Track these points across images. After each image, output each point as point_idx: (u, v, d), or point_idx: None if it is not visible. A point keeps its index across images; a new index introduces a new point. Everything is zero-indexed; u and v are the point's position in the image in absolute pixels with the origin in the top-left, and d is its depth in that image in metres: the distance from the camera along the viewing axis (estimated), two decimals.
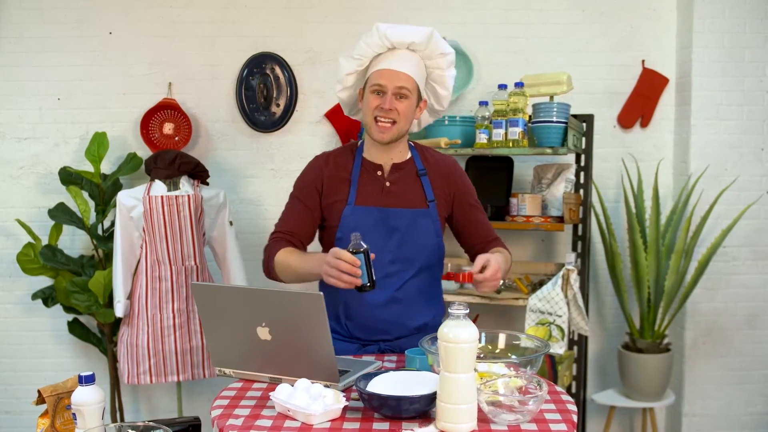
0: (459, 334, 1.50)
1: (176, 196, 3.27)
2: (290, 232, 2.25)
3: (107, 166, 3.68)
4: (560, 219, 3.29)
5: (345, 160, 2.26)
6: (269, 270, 2.22)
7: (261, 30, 3.70)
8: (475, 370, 1.74)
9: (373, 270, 1.94)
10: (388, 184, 2.23)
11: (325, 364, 1.76)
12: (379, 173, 2.24)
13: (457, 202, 2.29)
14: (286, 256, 2.17)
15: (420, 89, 2.20)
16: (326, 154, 2.31)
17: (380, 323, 2.19)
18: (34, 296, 3.59)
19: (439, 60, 2.18)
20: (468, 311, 1.54)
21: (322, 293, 1.69)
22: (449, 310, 1.54)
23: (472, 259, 2.26)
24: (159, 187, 3.30)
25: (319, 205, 2.24)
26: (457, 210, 2.29)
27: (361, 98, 2.25)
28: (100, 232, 3.58)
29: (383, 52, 2.18)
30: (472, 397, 1.53)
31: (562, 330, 3.02)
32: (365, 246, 1.92)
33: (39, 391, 1.95)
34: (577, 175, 3.44)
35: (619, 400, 3.49)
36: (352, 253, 1.90)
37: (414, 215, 2.21)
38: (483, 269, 1.99)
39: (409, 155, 2.28)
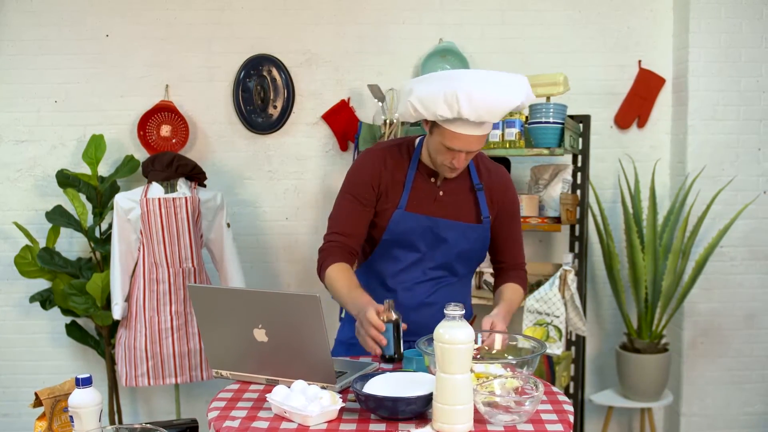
0: (455, 335, 1.50)
1: (173, 199, 3.27)
2: (345, 233, 2.13)
3: (104, 169, 3.68)
4: (557, 220, 3.29)
5: (401, 161, 2.16)
6: (321, 278, 2.15)
7: (258, 32, 3.70)
8: (472, 370, 1.74)
9: (401, 342, 1.93)
10: (441, 193, 2.15)
11: (321, 366, 1.76)
12: (433, 180, 2.15)
13: (500, 216, 2.21)
14: (336, 276, 2.06)
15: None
16: (382, 150, 2.18)
17: (412, 325, 2.11)
18: (32, 299, 3.58)
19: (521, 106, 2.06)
20: (464, 312, 1.54)
21: (318, 295, 1.69)
22: (445, 311, 1.54)
23: (498, 263, 2.27)
24: (156, 190, 3.30)
25: (375, 205, 2.14)
26: (497, 224, 2.21)
27: (425, 122, 2.06)
28: (97, 234, 3.58)
29: None
30: (468, 398, 1.53)
31: (559, 330, 3.03)
32: (396, 316, 1.88)
33: (36, 394, 1.95)
34: (574, 176, 3.44)
35: (617, 400, 3.50)
36: (382, 319, 1.86)
37: (465, 229, 2.15)
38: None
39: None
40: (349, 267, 2.10)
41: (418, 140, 2.21)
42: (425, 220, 2.12)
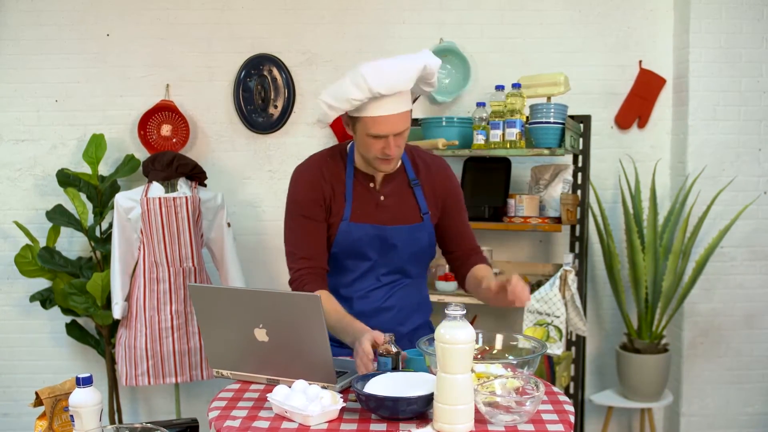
0: (456, 334, 1.50)
1: (174, 198, 3.27)
2: (311, 256, 2.09)
3: (105, 168, 3.68)
4: (558, 220, 3.29)
5: (337, 171, 2.13)
6: None
7: (258, 31, 3.70)
8: (472, 370, 1.74)
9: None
10: (382, 198, 2.13)
11: (322, 366, 1.76)
12: (372, 185, 2.14)
13: (445, 208, 2.20)
14: (324, 305, 2.02)
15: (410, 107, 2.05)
16: (317, 163, 2.15)
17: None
18: (32, 298, 3.58)
19: (430, 78, 2.06)
20: (465, 312, 1.54)
21: (318, 295, 1.69)
22: (446, 311, 1.54)
23: (451, 264, 2.26)
24: (157, 189, 3.30)
25: (326, 219, 2.13)
26: (444, 215, 2.21)
27: (347, 124, 2.07)
28: (97, 234, 3.58)
29: None
30: (469, 398, 1.53)
31: (559, 331, 3.03)
32: (395, 350, 1.88)
33: (36, 393, 1.95)
34: (575, 176, 3.45)
35: (617, 400, 3.50)
36: (382, 354, 1.86)
37: (410, 231, 2.14)
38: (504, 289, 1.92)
39: (400, 162, 2.18)
40: (328, 294, 2.07)
41: (349, 146, 2.18)
42: (371, 228, 2.11)
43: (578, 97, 3.56)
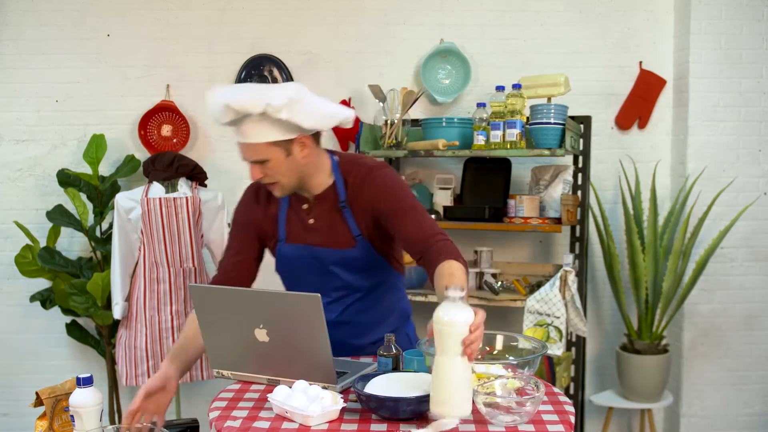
0: (454, 316, 1.48)
1: (174, 198, 3.27)
2: (227, 272, 2.13)
3: (105, 168, 3.68)
4: (558, 220, 3.29)
5: (273, 195, 2.08)
6: None
7: (258, 32, 3.70)
8: (473, 371, 1.74)
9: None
10: (311, 221, 2.08)
11: (322, 366, 1.76)
12: (305, 206, 2.09)
13: (381, 220, 2.03)
14: (185, 327, 2.03)
15: (283, 137, 1.93)
16: (256, 186, 2.17)
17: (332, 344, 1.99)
18: (32, 298, 3.58)
19: (270, 111, 1.87)
20: (464, 294, 1.51)
21: (319, 294, 1.69)
22: (445, 293, 1.51)
23: (416, 259, 1.99)
24: (157, 189, 3.30)
25: (258, 240, 2.15)
26: (385, 223, 2.03)
27: None
28: (98, 234, 3.58)
29: None
30: (466, 381, 1.51)
31: (560, 331, 3.03)
32: (395, 351, 1.88)
33: (37, 393, 1.95)
34: (575, 177, 3.45)
35: (618, 401, 3.50)
36: (382, 354, 1.87)
37: (343, 254, 2.06)
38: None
39: (332, 181, 2.07)
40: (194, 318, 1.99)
41: None
42: (305, 249, 2.09)
43: (578, 97, 3.56)
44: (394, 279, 2.20)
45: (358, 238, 2.05)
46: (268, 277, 3.84)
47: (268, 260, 3.82)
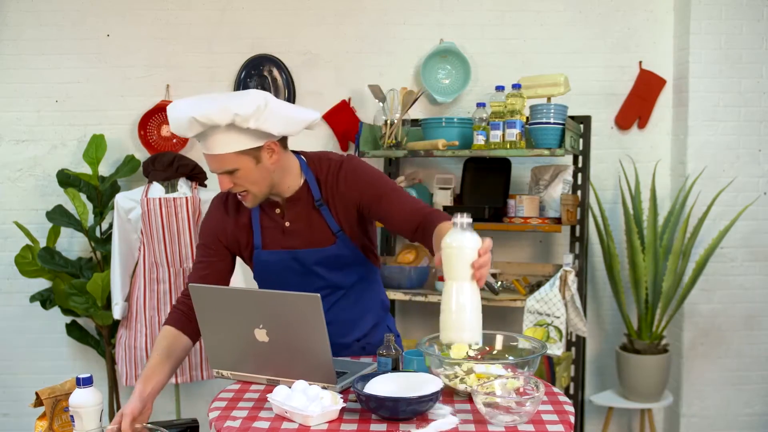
0: (462, 240, 1.49)
1: (174, 198, 3.27)
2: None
3: (105, 169, 3.68)
4: (558, 220, 3.29)
5: (242, 204, 2.06)
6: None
7: (258, 32, 3.70)
8: (472, 371, 1.74)
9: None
10: (287, 224, 2.06)
11: (322, 366, 1.76)
12: (278, 211, 2.07)
13: (368, 207, 2.04)
14: (157, 340, 2.00)
15: (250, 145, 1.91)
16: (224, 197, 2.13)
17: None
18: (32, 298, 3.58)
19: (238, 121, 1.84)
20: (472, 221, 1.52)
21: (319, 294, 1.69)
22: (453, 220, 1.53)
23: (411, 235, 2.01)
24: (157, 190, 3.30)
25: (229, 254, 2.12)
26: (374, 212, 2.05)
27: None
28: (98, 234, 3.58)
29: None
30: (476, 306, 1.51)
31: (559, 331, 3.03)
32: (395, 351, 1.88)
33: (37, 394, 1.95)
34: (575, 177, 3.45)
35: (617, 401, 3.50)
36: (382, 355, 1.87)
37: (323, 253, 2.06)
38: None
39: (302, 180, 2.06)
40: (174, 335, 2.00)
41: None
42: (284, 254, 2.06)
43: (578, 97, 3.56)
44: (373, 273, 2.21)
45: (338, 234, 2.05)
46: None
47: None
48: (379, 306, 2.26)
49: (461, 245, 1.49)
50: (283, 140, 2.01)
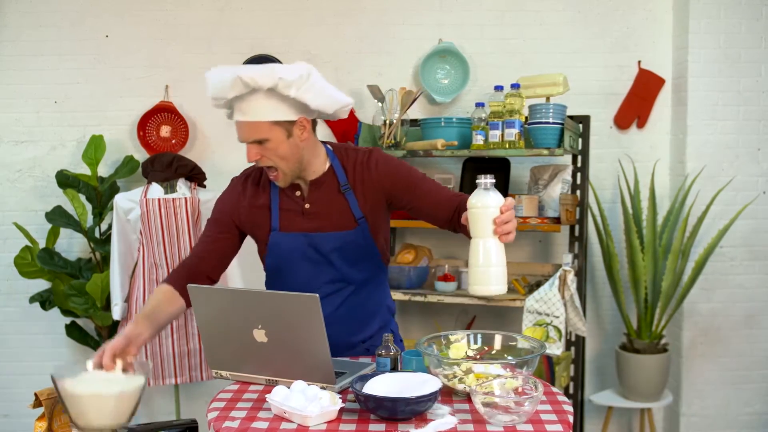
0: (486, 200, 1.62)
1: (173, 199, 3.27)
2: (199, 256, 2.11)
3: (104, 169, 3.68)
4: (557, 220, 3.29)
5: (262, 184, 2.11)
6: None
7: (257, 32, 3.70)
8: (471, 371, 1.74)
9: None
10: (307, 206, 2.07)
11: (321, 366, 1.76)
12: (298, 193, 2.08)
13: (400, 195, 2.07)
14: (151, 297, 2.05)
15: (284, 118, 1.95)
16: (244, 177, 2.17)
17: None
18: (32, 299, 3.58)
19: (281, 86, 1.89)
20: (494, 181, 1.65)
21: (317, 295, 1.69)
22: (476, 181, 1.65)
23: (446, 222, 2.04)
24: (156, 190, 3.30)
25: (238, 234, 2.14)
26: (406, 201, 2.07)
27: None
28: (97, 235, 3.58)
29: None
30: (501, 260, 1.63)
31: (559, 331, 3.03)
32: (394, 350, 1.88)
33: (36, 394, 1.95)
34: (574, 176, 3.45)
35: (617, 400, 3.50)
36: (381, 355, 1.87)
37: (342, 238, 2.06)
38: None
39: (327, 165, 2.09)
40: (170, 292, 2.03)
41: None
42: (302, 237, 2.07)
43: (577, 97, 3.56)
44: (383, 275, 2.23)
45: (360, 220, 2.07)
46: (265, 277, 3.84)
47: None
48: (386, 310, 2.26)
49: (485, 204, 1.62)
50: (313, 122, 2.05)
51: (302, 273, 2.09)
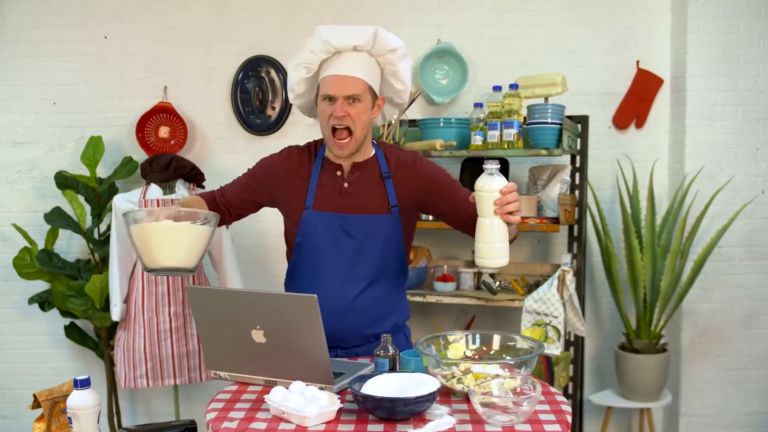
0: (491, 183, 1.77)
1: (172, 200, 3.27)
2: (224, 192, 2.28)
3: (103, 170, 3.68)
4: (556, 220, 3.29)
5: (307, 158, 2.21)
6: None
7: (256, 33, 3.70)
8: (470, 371, 1.74)
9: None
10: (346, 185, 2.15)
11: (319, 367, 1.76)
12: (339, 173, 2.16)
13: (432, 195, 2.16)
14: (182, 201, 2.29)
15: (374, 88, 2.11)
16: (292, 148, 2.27)
17: (337, 333, 2.10)
18: (31, 300, 3.58)
19: (390, 56, 2.08)
20: (499, 166, 1.80)
21: (315, 296, 1.70)
22: (483, 166, 1.78)
23: (463, 227, 2.14)
24: (155, 191, 3.30)
25: (267, 196, 2.25)
26: (437, 202, 2.16)
27: (314, 107, 2.21)
28: (96, 236, 3.58)
29: (329, 57, 2.08)
30: (503, 237, 1.81)
31: (558, 331, 3.03)
32: (392, 351, 1.89)
33: (35, 396, 1.95)
34: (573, 176, 3.45)
35: (616, 400, 3.50)
36: (379, 355, 1.88)
37: (373, 221, 2.12)
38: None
39: (372, 153, 2.19)
40: (199, 198, 2.25)
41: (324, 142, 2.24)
42: (334, 218, 2.13)
43: (576, 97, 3.56)
44: (403, 278, 2.27)
45: (393, 208, 2.14)
46: (264, 277, 3.85)
47: (263, 261, 3.82)
48: (402, 312, 2.28)
49: (490, 187, 1.77)
50: None
51: (328, 256, 2.13)
